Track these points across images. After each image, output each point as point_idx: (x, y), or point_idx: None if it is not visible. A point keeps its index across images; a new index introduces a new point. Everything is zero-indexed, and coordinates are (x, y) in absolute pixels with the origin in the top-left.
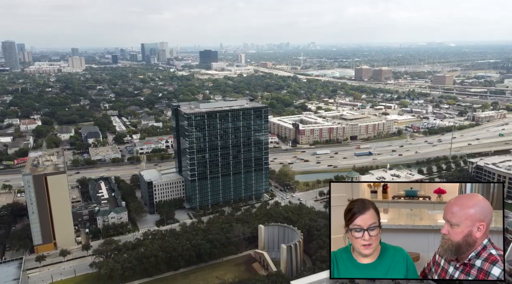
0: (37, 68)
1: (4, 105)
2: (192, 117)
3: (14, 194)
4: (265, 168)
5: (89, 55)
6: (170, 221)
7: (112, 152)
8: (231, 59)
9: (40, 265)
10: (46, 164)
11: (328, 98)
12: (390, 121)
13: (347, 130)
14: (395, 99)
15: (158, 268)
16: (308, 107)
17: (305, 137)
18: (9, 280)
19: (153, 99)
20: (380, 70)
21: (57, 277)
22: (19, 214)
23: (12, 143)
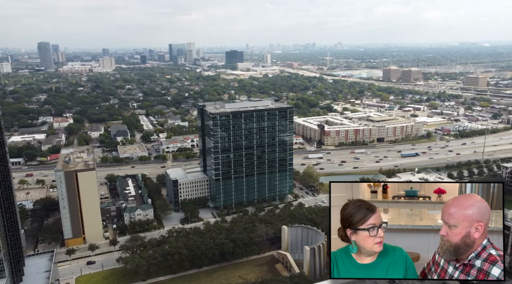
0: (70, 68)
1: (39, 104)
2: (217, 117)
3: (47, 189)
4: (289, 169)
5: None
6: (194, 220)
7: (139, 150)
8: (257, 59)
9: (70, 258)
10: (76, 161)
11: (355, 99)
12: (419, 123)
13: (373, 132)
14: (425, 101)
15: (182, 266)
16: (334, 108)
17: (330, 138)
18: (41, 272)
19: (179, 99)
20: (409, 71)
21: (85, 270)
22: (51, 209)
23: (46, 140)
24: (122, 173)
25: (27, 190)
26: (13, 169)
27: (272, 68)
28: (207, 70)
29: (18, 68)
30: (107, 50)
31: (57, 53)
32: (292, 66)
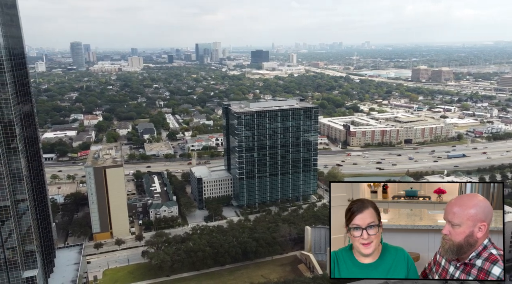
0: (100, 67)
1: (70, 102)
2: (242, 116)
3: (77, 184)
4: (313, 169)
5: (147, 55)
6: (217, 218)
7: (165, 148)
8: (282, 59)
9: (97, 252)
10: (105, 158)
11: (382, 99)
12: (449, 124)
13: (401, 133)
14: (456, 102)
15: (205, 263)
16: (360, 108)
17: (356, 139)
18: (70, 264)
19: (205, 98)
20: (440, 71)
21: (112, 264)
22: (81, 203)
23: (77, 137)
24: (148, 170)
25: (59, 185)
26: (45, 164)
27: (298, 67)
28: (233, 69)
29: (52, 67)
30: (135, 50)
31: (88, 53)
32: (318, 65)
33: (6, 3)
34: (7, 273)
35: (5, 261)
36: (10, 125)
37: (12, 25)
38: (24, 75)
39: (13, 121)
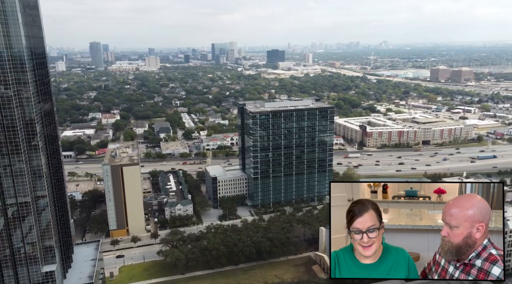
0: (118, 67)
1: (89, 100)
2: (257, 116)
3: (94, 181)
4: (328, 169)
5: (164, 55)
6: (232, 217)
7: (181, 147)
8: (298, 58)
9: (114, 248)
10: (122, 156)
11: (399, 100)
12: (469, 126)
13: (419, 134)
14: (476, 103)
15: (219, 262)
16: (377, 108)
17: (372, 139)
18: (88, 260)
19: (220, 98)
20: (460, 71)
21: (128, 261)
22: (98, 200)
23: (95, 135)
24: (164, 169)
25: (77, 182)
26: (64, 162)
27: (314, 67)
28: (248, 69)
29: (72, 66)
30: (152, 50)
31: (106, 53)
32: (334, 65)
33: (28, 4)
34: (27, 267)
35: (25, 255)
36: (31, 123)
37: (34, 25)
38: (45, 74)
39: (34, 119)
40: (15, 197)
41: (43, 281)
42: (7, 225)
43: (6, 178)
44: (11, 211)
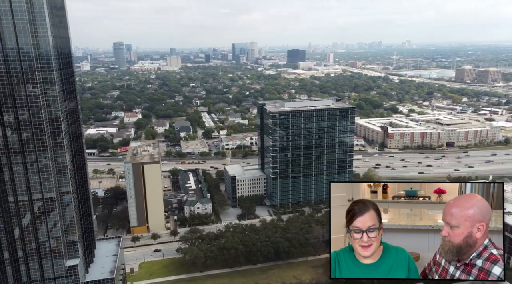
0: (140, 67)
1: (112, 99)
2: (276, 115)
3: (116, 179)
4: (348, 171)
5: (185, 55)
6: (250, 216)
7: (200, 146)
8: (319, 58)
9: (134, 245)
10: (143, 154)
11: (423, 100)
12: (496, 128)
13: (442, 136)
14: (504, 104)
15: (237, 261)
16: (399, 109)
17: (394, 141)
18: (109, 255)
19: (240, 97)
20: (487, 71)
21: (148, 257)
22: (120, 197)
23: (117, 134)
24: (184, 167)
25: (100, 179)
26: (88, 159)
27: (335, 67)
28: (268, 69)
29: (96, 66)
30: (174, 50)
31: (129, 53)
32: (356, 65)
33: (55, 5)
34: (51, 261)
35: (50, 249)
36: (57, 121)
37: (61, 26)
38: (70, 73)
39: (59, 117)
40: (41, 192)
41: (67, 274)
42: (33, 220)
43: (33, 174)
44: (37, 206)
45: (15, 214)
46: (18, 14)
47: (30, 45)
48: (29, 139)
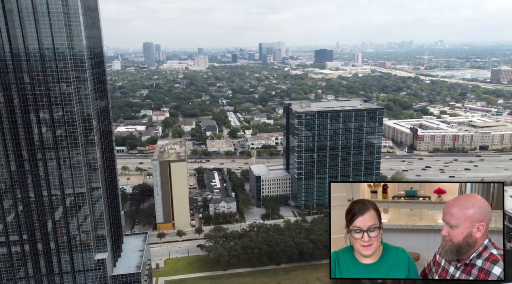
0: (169, 66)
1: (141, 98)
2: (302, 116)
3: (144, 176)
4: (375, 173)
5: (212, 55)
6: (274, 216)
7: (226, 145)
8: (347, 58)
9: (160, 241)
10: (170, 152)
11: (455, 102)
12: None
13: (476, 139)
14: None
15: (260, 260)
16: (430, 111)
17: (424, 143)
18: (136, 250)
19: (266, 97)
20: None
21: (173, 254)
22: (147, 194)
23: (145, 132)
24: (209, 166)
25: (128, 176)
26: (117, 156)
27: (363, 67)
28: (295, 69)
29: (126, 65)
30: (202, 49)
31: (158, 52)
32: (385, 65)
33: (89, 6)
34: (81, 254)
35: (80, 242)
36: (89, 119)
37: (94, 27)
38: (102, 73)
39: (91, 115)
40: (73, 187)
41: (95, 267)
42: (65, 214)
43: (65, 170)
44: (69, 201)
45: (49, 207)
46: (54, 15)
47: (65, 45)
48: (62, 136)
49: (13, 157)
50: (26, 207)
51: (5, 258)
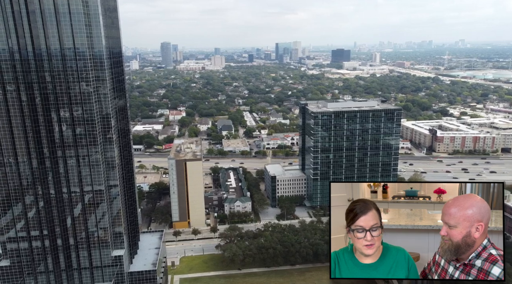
0: (186, 66)
1: (158, 98)
2: (318, 116)
3: (160, 174)
4: (393, 174)
5: (229, 54)
6: (290, 217)
7: (241, 145)
8: (365, 58)
9: (176, 239)
10: (186, 151)
11: (476, 103)
12: None
13: (497, 141)
14: None
15: (275, 260)
16: (450, 112)
17: (443, 145)
18: (152, 248)
19: (282, 97)
20: None
21: (188, 252)
22: (163, 193)
23: (162, 131)
24: (225, 165)
25: (145, 174)
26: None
27: (381, 67)
28: (312, 69)
29: (144, 65)
30: (218, 49)
31: (175, 52)
32: (404, 65)
33: (109, 7)
34: (99, 250)
35: (98, 239)
36: (107, 117)
37: (113, 27)
38: (120, 72)
39: (109, 114)
40: (91, 185)
41: (113, 264)
42: (84, 210)
43: (84, 167)
44: (87, 198)
45: (68, 204)
46: (75, 16)
47: (85, 45)
48: (82, 134)
49: (34, 154)
50: (47, 203)
51: (26, 252)
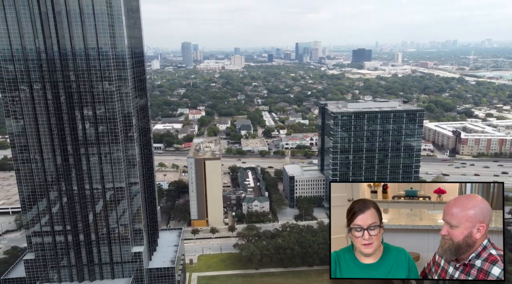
0: (206, 66)
1: (178, 97)
2: (338, 116)
3: (180, 173)
4: (414, 176)
5: (249, 54)
6: (308, 217)
7: (260, 144)
8: (386, 58)
9: (194, 237)
10: (205, 150)
11: (503, 104)
12: None
13: None
14: None
15: (293, 261)
16: (475, 113)
17: (467, 147)
18: (171, 245)
19: (302, 97)
20: None
21: (206, 250)
22: (182, 191)
23: (182, 130)
24: (243, 165)
25: (164, 172)
26: (154, 153)
27: (403, 67)
28: (332, 68)
29: (165, 65)
30: (238, 49)
31: (196, 52)
32: (427, 65)
33: (131, 8)
34: (119, 246)
35: (119, 235)
36: (129, 116)
37: (135, 27)
38: (142, 72)
39: (131, 113)
40: (113, 182)
41: (132, 260)
42: (105, 207)
43: (106, 165)
44: (109, 195)
45: (90, 200)
46: (99, 16)
47: (108, 45)
48: (104, 132)
49: (59, 151)
50: (70, 199)
51: (50, 246)
